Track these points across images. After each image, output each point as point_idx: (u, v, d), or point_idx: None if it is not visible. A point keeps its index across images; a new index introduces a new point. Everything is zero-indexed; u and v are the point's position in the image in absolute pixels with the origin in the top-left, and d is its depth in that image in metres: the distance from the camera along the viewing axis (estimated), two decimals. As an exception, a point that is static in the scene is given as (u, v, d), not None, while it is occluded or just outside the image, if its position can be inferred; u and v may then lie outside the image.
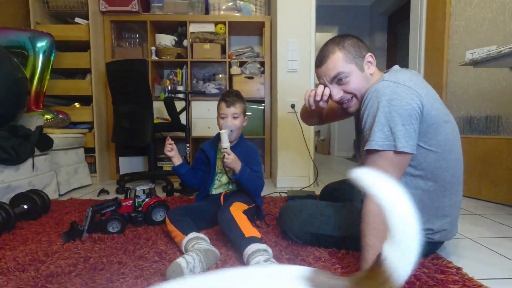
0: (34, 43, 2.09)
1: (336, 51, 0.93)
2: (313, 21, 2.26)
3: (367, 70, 0.94)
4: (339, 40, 0.94)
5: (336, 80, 0.94)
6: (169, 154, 1.37)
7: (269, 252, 0.94)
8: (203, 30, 2.65)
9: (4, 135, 1.61)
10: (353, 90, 0.93)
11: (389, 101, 0.80)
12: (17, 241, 1.19)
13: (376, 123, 0.81)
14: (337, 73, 0.93)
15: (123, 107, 2.17)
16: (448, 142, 0.88)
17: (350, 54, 0.92)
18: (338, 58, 0.92)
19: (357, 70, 0.93)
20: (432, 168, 0.87)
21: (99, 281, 0.86)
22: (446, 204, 0.92)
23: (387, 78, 0.85)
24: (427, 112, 0.82)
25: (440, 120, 0.85)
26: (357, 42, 0.94)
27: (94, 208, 1.25)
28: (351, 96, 0.95)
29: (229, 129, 1.32)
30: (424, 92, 0.83)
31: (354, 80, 0.92)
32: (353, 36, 0.95)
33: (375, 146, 0.80)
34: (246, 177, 1.31)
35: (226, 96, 1.38)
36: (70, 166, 2.19)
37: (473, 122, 1.95)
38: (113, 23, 2.64)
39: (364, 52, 0.94)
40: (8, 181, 1.60)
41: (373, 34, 4.37)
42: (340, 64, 0.92)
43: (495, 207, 1.72)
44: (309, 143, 2.29)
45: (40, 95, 2.15)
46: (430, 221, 0.93)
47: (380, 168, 0.80)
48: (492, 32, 1.82)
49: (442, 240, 0.98)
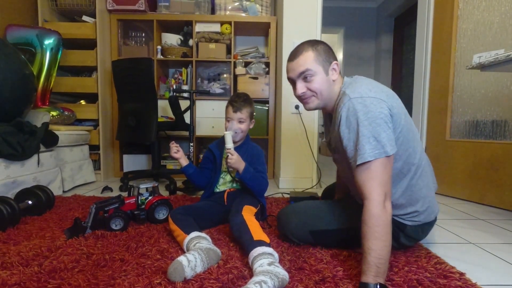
0: (42, 40, 2.11)
1: (309, 50, 1.03)
2: (319, 22, 2.25)
3: (330, 76, 1.03)
4: (313, 43, 1.05)
5: (303, 76, 1.03)
6: (176, 155, 1.39)
7: (274, 257, 0.93)
8: (209, 30, 2.66)
9: (11, 131, 1.63)
10: (315, 89, 1.02)
11: (365, 114, 0.89)
12: (21, 236, 1.20)
13: (361, 137, 0.88)
14: (305, 69, 1.01)
15: (128, 105, 2.18)
16: (410, 130, 0.98)
17: (320, 57, 1.02)
18: (309, 56, 1.02)
19: (323, 73, 1.02)
20: (404, 157, 0.97)
21: (101, 278, 0.86)
22: (422, 185, 1.01)
23: (352, 95, 0.93)
24: (393, 111, 0.93)
25: (401, 113, 0.95)
26: (328, 49, 1.05)
27: (97, 205, 1.26)
28: (312, 94, 1.05)
29: (233, 131, 1.36)
30: (385, 96, 0.93)
31: (318, 80, 1.02)
32: (326, 44, 1.06)
33: (368, 158, 0.86)
34: (250, 177, 1.33)
35: (234, 101, 1.40)
36: (74, 163, 2.21)
37: (479, 126, 1.93)
38: (120, 22, 2.66)
39: (331, 59, 1.03)
40: (14, 176, 1.62)
41: (379, 36, 4.34)
42: (310, 62, 1.01)
43: (500, 213, 1.70)
44: (312, 144, 2.28)
45: (46, 92, 2.18)
46: (412, 205, 1.01)
47: (378, 175, 0.86)
48: (500, 36, 1.80)
49: (428, 221, 1.05)
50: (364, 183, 0.87)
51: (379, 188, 0.84)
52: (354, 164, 0.90)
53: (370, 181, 0.86)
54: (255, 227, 1.05)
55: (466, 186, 1.96)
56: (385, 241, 0.81)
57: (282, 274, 0.83)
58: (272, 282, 0.78)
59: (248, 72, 2.66)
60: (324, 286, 0.84)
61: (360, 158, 0.87)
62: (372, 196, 0.84)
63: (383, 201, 0.84)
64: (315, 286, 0.84)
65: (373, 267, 0.79)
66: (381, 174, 0.86)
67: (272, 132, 2.71)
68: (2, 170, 1.56)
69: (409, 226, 1.03)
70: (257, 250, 0.93)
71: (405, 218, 1.02)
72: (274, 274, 0.81)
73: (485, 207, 1.82)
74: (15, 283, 0.83)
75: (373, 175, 0.86)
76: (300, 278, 0.88)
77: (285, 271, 0.85)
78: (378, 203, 0.83)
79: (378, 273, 0.79)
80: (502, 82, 1.79)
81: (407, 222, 1.02)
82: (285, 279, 0.83)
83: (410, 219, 1.02)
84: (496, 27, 1.82)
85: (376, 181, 0.85)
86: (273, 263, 0.87)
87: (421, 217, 1.03)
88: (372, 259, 0.79)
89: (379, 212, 0.82)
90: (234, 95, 1.45)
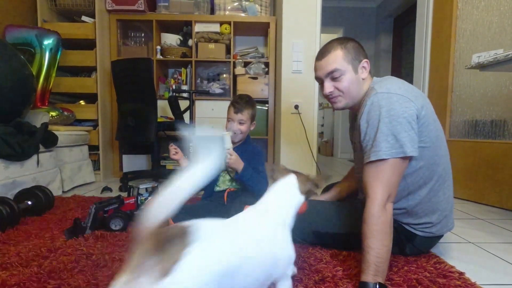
0: (41, 40, 2.11)
1: (338, 48, 0.98)
2: (319, 22, 2.25)
3: (360, 74, 0.99)
4: (343, 40, 1.00)
5: (331, 76, 0.99)
6: (175, 157, 1.37)
7: None
8: (208, 30, 2.66)
9: (10, 131, 1.63)
10: (344, 88, 0.99)
11: (388, 111, 0.85)
12: (20, 236, 1.20)
13: (379, 134, 0.85)
14: (334, 69, 0.98)
15: (127, 106, 2.18)
16: (439, 138, 0.95)
17: (349, 55, 0.98)
18: (338, 55, 0.98)
19: (352, 71, 0.98)
20: (428, 164, 0.92)
21: (101, 278, 0.86)
22: (441, 198, 0.98)
23: (379, 90, 0.89)
24: (420, 113, 0.88)
25: (430, 118, 0.91)
26: (358, 47, 1.00)
27: (97, 205, 1.26)
28: (339, 94, 1.01)
29: (232, 132, 1.37)
30: (414, 96, 0.88)
31: (347, 79, 0.98)
32: (356, 41, 1.01)
33: (383, 156, 0.83)
34: (248, 177, 1.34)
35: (236, 102, 1.41)
36: (74, 163, 2.21)
37: (479, 126, 1.93)
38: (119, 22, 2.65)
39: (361, 57, 1.00)
40: (13, 176, 1.62)
41: (378, 36, 4.34)
42: (339, 61, 0.97)
43: (499, 212, 1.70)
44: (312, 144, 2.28)
45: (46, 92, 2.17)
46: (427, 216, 0.98)
47: (387, 176, 0.83)
48: (499, 36, 1.80)
49: (440, 234, 1.03)
50: (370, 181, 0.85)
51: (384, 189, 0.83)
52: (367, 159, 0.87)
53: (376, 180, 0.84)
54: None
55: (465, 185, 1.96)
56: (383, 241, 0.81)
57: None
58: None
59: (247, 72, 2.66)
60: (323, 286, 0.84)
61: (374, 155, 0.84)
62: (376, 196, 0.83)
63: (385, 202, 0.82)
64: (315, 285, 0.84)
65: (372, 266, 0.79)
66: (390, 175, 0.83)
67: (271, 132, 2.71)
68: (1, 170, 1.56)
69: (419, 237, 1.00)
70: None
71: (416, 228, 0.99)
72: None
73: (485, 207, 1.82)
74: (14, 283, 0.83)
75: (381, 175, 0.83)
76: (299, 278, 0.88)
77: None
78: (379, 203, 0.82)
79: (377, 272, 0.78)
80: (501, 82, 1.79)
81: (418, 232, 0.99)
82: None
83: (422, 229, 0.99)
84: (495, 27, 1.82)
85: (383, 182, 0.83)
86: None
87: (434, 229, 0.99)
88: (371, 258, 0.79)
89: (379, 213, 0.81)
90: (237, 96, 1.45)
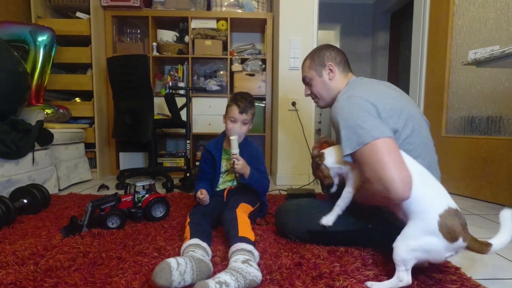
0: (35, 37, 2.08)
1: (308, 58, 1.16)
2: (316, 18, 2.24)
3: (325, 76, 1.11)
4: (316, 49, 1.15)
5: (305, 81, 1.18)
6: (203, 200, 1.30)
7: (254, 255, 0.91)
8: (205, 26, 2.64)
9: (5, 129, 1.61)
10: (316, 91, 1.15)
11: (348, 110, 0.92)
12: (16, 235, 1.19)
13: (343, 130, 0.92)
14: (304, 76, 1.18)
15: (124, 103, 2.16)
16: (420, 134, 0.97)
17: (313, 62, 1.13)
18: (306, 64, 1.16)
19: (316, 76, 1.12)
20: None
21: (98, 276, 0.86)
22: None
23: (339, 97, 0.99)
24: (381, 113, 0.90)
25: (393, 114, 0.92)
26: (323, 53, 1.12)
27: (94, 203, 1.25)
28: (315, 96, 1.17)
29: (238, 135, 1.32)
30: (373, 96, 0.93)
31: (315, 83, 1.14)
32: (326, 48, 1.13)
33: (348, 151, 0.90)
34: (255, 180, 1.33)
35: (239, 101, 1.34)
36: (70, 161, 2.19)
37: (475, 122, 1.94)
38: (115, 18, 2.63)
39: (326, 62, 1.11)
40: (9, 175, 1.60)
41: (375, 33, 4.34)
42: (306, 69, 1.16)
43: (495, 208, 1.72)
44: (309, 141, 2.28)
45: (40, 90, 2.15)
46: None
47: (384, 157, 0.83)
48: (495, 32, 1.81)
49: None
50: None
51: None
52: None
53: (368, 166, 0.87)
54: (243, 225, 1.04)
55: (461, 181, 1.98)
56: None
57: (253, 275, 0.80)
58: (236, 284, 0.76)
59: (244, 69, 2.65)
60: (321, 282, 0.84)
61: (344, 150, 0.91)
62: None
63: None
64: (312, 281, 0.84)
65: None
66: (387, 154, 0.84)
67: (269, 129, 2.70)
68: (-4, 168, 1.54)
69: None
70: (237, 246, 0.92)
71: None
72: (243, 274, 0.79)
73: (480, 202, 1.83)
74: (11, 282, 0.82)
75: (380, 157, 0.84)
76: (297, 274, 0.88)
77: (259, 272, 0.83)
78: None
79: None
80: (497, 78, 1.80)
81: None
82: (255, 280, 0.80)
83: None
84: (492, 24, 1.83)
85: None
86: (248, 261, 0.84)
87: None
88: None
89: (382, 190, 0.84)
90: (239, 95, 1.38)
